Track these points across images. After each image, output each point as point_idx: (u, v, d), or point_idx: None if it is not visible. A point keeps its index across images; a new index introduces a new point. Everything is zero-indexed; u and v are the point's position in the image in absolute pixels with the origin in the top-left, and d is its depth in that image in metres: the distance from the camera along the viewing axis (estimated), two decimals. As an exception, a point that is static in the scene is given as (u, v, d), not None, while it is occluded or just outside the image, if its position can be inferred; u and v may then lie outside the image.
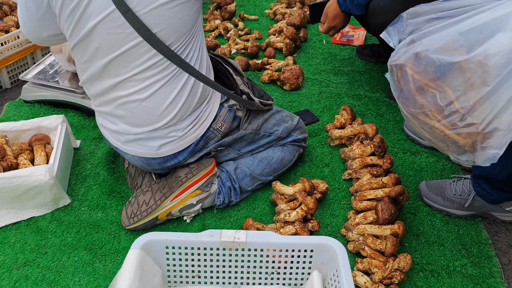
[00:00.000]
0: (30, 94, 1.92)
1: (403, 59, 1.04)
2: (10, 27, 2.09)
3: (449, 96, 0.97)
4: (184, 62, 1.18)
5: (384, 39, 1.20)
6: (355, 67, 2.33)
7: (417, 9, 1.14)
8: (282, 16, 2.70)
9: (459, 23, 0.98)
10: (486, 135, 0.96)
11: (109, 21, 1.12)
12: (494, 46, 0.90)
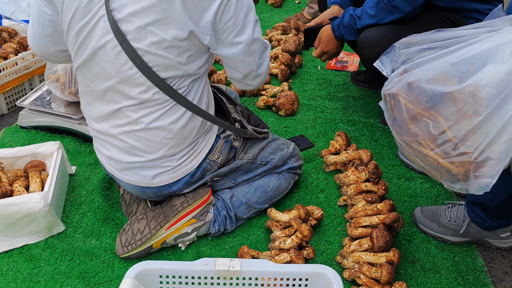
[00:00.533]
0: (26, 120, 1.93)
1: (396, 88, 1.06)
2: (8, 54, 2.11)
3: (442, 125, 0.99)
4: (178, 94, 1.20)
5: (377, 68, 1.22)
6: (350, 92, 2.37)
7: (409, 39, 1.17)
8: (278, 43, 2.75)
9: (450, 54, 1.01)
10: (478, 164, 0.97)
11: (108, 49, 1.14)
12: (485, 77, 0.92)
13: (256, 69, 1.29)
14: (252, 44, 1.21)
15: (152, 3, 1.07)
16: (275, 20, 3.19)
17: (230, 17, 1.13)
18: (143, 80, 1.16)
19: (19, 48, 2.18)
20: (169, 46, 1.12)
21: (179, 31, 1.10)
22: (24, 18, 2.51)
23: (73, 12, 1.13)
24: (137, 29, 1.09)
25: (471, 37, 1.03)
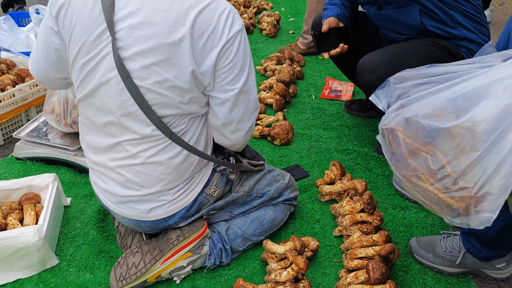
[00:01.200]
0: (22, 151, 1.93)
1: (394, 123, 1.08)
2: (6, 85, 2.13)
3: (441, 160, 1.01)
4: (174, 134, 1.21)
5: (373, 101, 1.25)
6: (344, 121, 2.39)
7: (404, 74, 1.20)
8: (272, 73, 2.79)
9: (445, 90, 1.04)
10: (479, 199, 0.98)
11: (111, 85, 1.16)
12: (481, 113, 0.94)
13: (238, 122, 1.28)
14: (241, 94, 1.22)
15: (158, 44, 1.09)
16: (269, 50, 3.25)
17: (227, 64, 1.16)
18: (143, 117, 1.18)
19: (17, 80, 2.20)
20: (171, 86, 1.14)
21: (183, 72, 1.13)
22: (22, 50, 2.54)
23: (80, 46, 1.16)
24: (142, 68, 1.12)
25: (464, 73, 1.06)
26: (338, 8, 2.05)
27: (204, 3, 1.11)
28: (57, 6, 1.17)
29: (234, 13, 1.15)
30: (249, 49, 1.22)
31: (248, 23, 3.52)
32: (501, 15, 4.40)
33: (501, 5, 4.72)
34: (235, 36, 1.14)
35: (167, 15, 1.08)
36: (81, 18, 1.14)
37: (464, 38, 1.83)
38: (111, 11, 1.10)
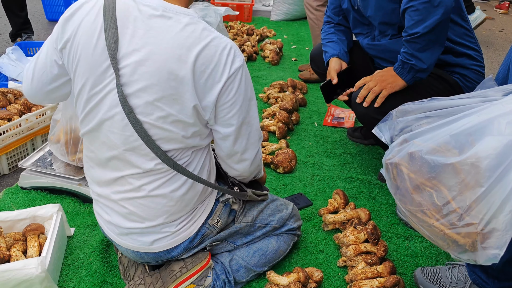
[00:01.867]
0: (27, 181, 1.95)
1: (398, 158, 1.09)
2: (13, 115, 2.17)
3: (446, 195, 1.01)
4: (178, 165, 1.22)
5: (376, 134, 1.26)
6: (347, 149, 2.40)
7: (406, 107, 1.22)
8: (275, 100, 2.82)
9: (448, 125, 1.05)
10: (485, 235, 0.98)
11: (115, 121, 1.18)
12: (484, 149, 0.95)
13: (242, 153, 1.29)
14: (243, 126, 1.24)
15: (162, 81, 1.12)
16: (272, 77, 3.29)
17: (229, 99, 1.17)
18: (147, 152, 1.19)
19: (24, 110, 2.24)
20: (175, 121, 1.16)
21: (185, 107, 1.14)
22: (29, 80, 2.58)
23: (85, 81, 1.18)
24: (145, 104, 1.14)
25: (466, 108, 1.08)
26: (337, 45, 2.10)
27: (206, 41, 1.13)
28: (63, 40, 1.20)
29: (235, 49, 1.18)
30: (250, 83, 1.24)
31: (251, 50, 3.58)
32: (501, 41, 4.45)
33: (500, 31, 4.78)
34: (237, 72, 1.16)
35: (170, 52, 1.11)
36: (85, 53, 1.16)
37: (457, 65, 1.85)
38: (115, 48, 1.12)
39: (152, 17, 1.12)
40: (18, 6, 3.50)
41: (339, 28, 2.19)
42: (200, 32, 1.13)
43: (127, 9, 1.14)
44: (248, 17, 4.59)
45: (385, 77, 1.79)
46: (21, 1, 3.51)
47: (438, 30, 1.60)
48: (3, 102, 2.26)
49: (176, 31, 1.11)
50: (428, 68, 1.70)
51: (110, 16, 1.14)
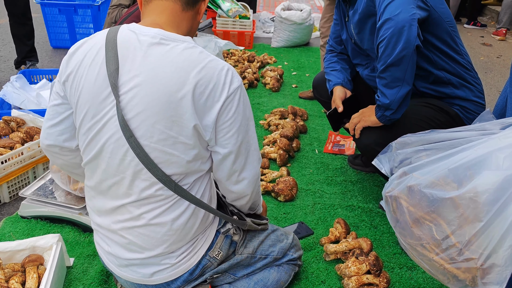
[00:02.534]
0: (28, 210, 1.94)
1: (397, 191, 1.09)
2: (15, 144, 2.18)
3: (445, 229, 1.01)
4: (180, 187, 1.23)
5: (376, 166, 1.27)
6: (347, 176, 2.40)
7: (405, 139, 1.23)
8: (276, 127, 2.84)
9: (447, 158, 1.06)
10: (485, 271, 0.98)
11: (116, 147, 1.20)
12: (482, 184, 0.96)
13: (240, 172, 1.29)
14: (242, 146, 1.25)
15: (161, 104, 1.13)
16: (273, 104, 3.32)
17: (229, 118, 1.20)
18: (148, 176, 1.20)
19: (26, 138, 2.25)
20: (175, 143, 1.17)
21: (185, 128, 1.16)
22: (32, 108, 2.62)
23: (86, 111, 1.20)
24: (145, 127, 1.16)
25: (465, 141, 1.09)
26: (340, 74, 2.13)
27: (204, 63, 1.16)
28: (66, 73, 1.24)
29: (232, 71, 1.21)
30: (248, 103, 1.26)
31: (252, 77, 3.62)
32: (499, 67, 4.51)
33: (498, 57, 4.84)
34: (235, 92, 1.19)
35: (168, 75, 1.14)
36: (87, 84, 1.19)
37: (456, 97, 1.87)
38: (115, 76, 1.16)
39: (150, 45, 1.16)
40: (27, 35, 3.57)
41: (341, 56, 2.22)
42: (198, 55, 1.17)
43: (128, 40, 1.18)
44: (249, 43, 4.66)
45: (365, 112, 1.86)
46: (30, 30, 3.58)
47: (403, 66, 1.59)
48: (6, 130, 2.28)
49: (174, 56, 1.15)
50: (390, 105, 1.67)
51: (111, 47, 1.18)
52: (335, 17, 2.18)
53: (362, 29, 1.89)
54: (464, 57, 1.86)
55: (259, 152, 1.33)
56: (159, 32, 1.18)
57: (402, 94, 1.64)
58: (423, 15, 1.63)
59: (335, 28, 2.21)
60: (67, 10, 4.21)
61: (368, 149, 1.84)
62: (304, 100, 3.42)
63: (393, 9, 1.55)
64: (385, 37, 1.56)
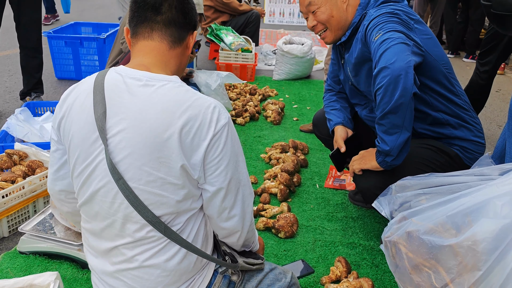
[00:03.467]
0: (27, 245, 1.93)
1: (396, 236, 1.09)
2: (17, 177, 2.19)
3: (444, 277, 1.00)
4: (169, 230, 1.22)
5: (376, 208, 1.27)
6: (348, 212, 2.40)
7: (405, 182, 1.24)
8: (277, 161, 2.85)
9: (446, 204, 1.06)
10: None
11: (106, 190, 1.20)
12: (481, 232, 0.96)
13: (230, 209, 1.27)
14: (232, 183, 1.24)
15: (147, 145, 1.14)
16: (274, 137, 3.34)
17: (216, 156, 1.19)
18: (138, 219, 1.20)
19: (28, 171, 2.26)
20: (164, 184, 1.17)
21: (173, 168, 1.16)
22: (35, 141, 2.64)
23: (77, 155, 1.22)
24: (133, 169, 1.16)
25: (464, 186, 1.09)
26: (340, 113, 2.15)
27: (189, 101, 1.17)
28: (58, 118, 1.27)
29: (219, 108, 1.21)
30: (237, 139, 1.26)
31: (254, 110, 3.66)
32: (498, 102, 4.55)
33: (497, 91, 4.89)
34: (222, 130, 1.19)
35: (153, 116, 1.15)
36: (77, 128, 1.21)
37: (456, 137, 1.88)
38: (102, 119, 1.17)
39: (136, 87, 1.18)
40: (36, 68, 3.61)
41: (340, 95, 2.25)
42: (183, 94, 1.17)
43: (115, 83, 1.20)
44: (251, 76, 4.73)
45: (366, 156, 1.85)
46: (40, 63, 3.63)
47: (401, 114, 1.60)
48: (8, 164, 2.30)
49: (160, 96, 1.16)
50: (391, 151, 1.66)
51: (99, 91, 1.20)
52: (333, 56, 2.22)
53: (359, 73, 1.92)
54: (461, 98, 1.88)
55: (250, 187, 1.32)
56: (145, 74, 1.20)
57: (401, 140, 1.63)
58: (418, 60, 1.66)
59: (333, 68, 2.24)
60: (73, 43, 4.30)
61: (368, 192, 1.84)
62: (305, 133, 3.45)
63: (388, 58, 1.57)
64: (382, 85, 1.58)
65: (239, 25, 5.37)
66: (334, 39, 1.99)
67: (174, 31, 1.26)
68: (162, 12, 1.25)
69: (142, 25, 1.26)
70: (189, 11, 1.29)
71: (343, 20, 1.93)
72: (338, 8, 1.92)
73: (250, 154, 3.05)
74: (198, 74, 3.39)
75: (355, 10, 1.92)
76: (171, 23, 1.25)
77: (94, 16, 8.12)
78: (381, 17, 1.75)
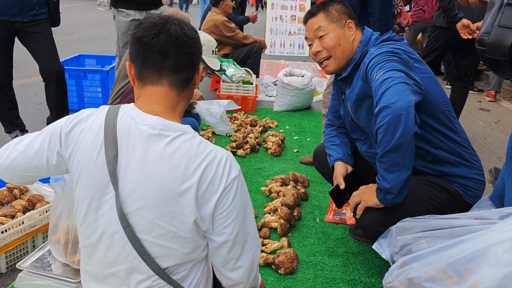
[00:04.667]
0: (24, 282, 1.91)
1: (398, 282, 1.09)
2: (16, 212, 2.18)
3: None
4: (172, 280, 1.21)
5: (376, 250, 1.27)
6: (349, 247, 2.37)
7: (405, 224, 1.24)
8: (277, 194, 2.84)
9: (447, 250, 1.06)
10: None
11: (114, 239, 1.19)
12: (483, 280, 0.95)
13: (236, 260, 1.26)
14: (239, 235, 1.23)
15: (160, 200, 1.14)
16: (274, 169, 3.35)
17: (225, 209, 1.19)
18: (145, 270, 1.19)
19: (28, 206, 2.26)
20: (174, 237, 1.17)
21: (185, 223, 1.16)
22: (36, 174, 2.64)
23: (85, 194, 1.20)
24: (145, 222, 1.16)
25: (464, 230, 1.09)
26: (340, 149, 2.16)
27: (202, 156, 1.17)
28: (68, 150, 1.24)
29: (231, 160, 1.21)
30: (246, 191, 1.26)
31: (254, 142, 3.68)
32: (498, 133, 4.57)
33: (496, 122, 4.92)
34: (233, 183, 1.19)
35: (167, 171, 1.14)
36: (86, 168, 1.20)
37: (455, 175, 1.88)
38: (114, 163, 1.16)
39: (150, 137, 1.16)
40: None
41: (341, 130, 2.27)
42: (196, 148, 1.17)
43: (128, 128, 1.18)
44: (252, 107, 4.78)
45: (366, 193, 1.85)
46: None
47: (401, 152, 1.61)
48: (9, 198, 2.30)
49: (173, 150, 1.15)
50: (392, 189, 1.67)
51: (110, 132, 1.18)
52: (333, 92, 2.25)
53: (359, 109, 1.95)
54: (460, 135, 1.90)
55: (258, 239, 1.31)
56: (159, 121, 1.18)
57: (402, 178, 1.64)
58: (418, 99, 1.68)
59: (333, 103, 2.27)
60: (77, 75, 4.37)
61: (369, 229, 1.84)
62: (306, 165, 3.45)
63: (389, 97, 1.59)
64: (383, 124, 1.60)
65: (241, 57, 5.46)
66: (335, 69, 2.01)
67: (182, 75, 1.23)
68: (170, 57, 1.20)
69: (149, 70, 1.21)
70: (195, 51, 1.25)
71: (347, 51, 1.97)
72: (346, 38, 1.96)
73: (250, 186, 3.05)
74: (199, 104, 3.43)
75: (356, 46, 1.97)
76: (180, 67, 1.21)
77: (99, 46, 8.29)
78: (381, 56, 1.78)
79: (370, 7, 2.78)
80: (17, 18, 3.23)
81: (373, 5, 2.76)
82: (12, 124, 3.54)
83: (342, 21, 1.97)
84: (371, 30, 2.05)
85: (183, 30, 1.22)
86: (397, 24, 3.08)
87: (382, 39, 1.93)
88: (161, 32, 1.20)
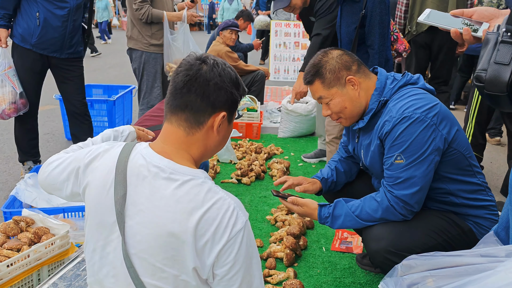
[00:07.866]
0: (29, 317, 1.90)
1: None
2: (22, 245, 2.19)
3: None
4: None
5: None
6: (356, 277, 2.34)
7: (410, 262, 1.23)
8: (283, 223, 2.83)
9: None
10: None
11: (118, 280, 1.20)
12: None
13: None
14: (242, 286, 1.18)
15: (163, 243, 1.14)
16: (280, 197, 3.34)
17: (228, 262, 1.15)
18: None
19: (34, 238, 2.27)
20: (176, 281, 1.17)
21: (186, 267, 1.15)
22: (43, 206, 2.66)
23: (93, 232, 1.23)
24: (147, 265, 1.16)
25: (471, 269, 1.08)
26: (329, 171, 2.26)
27: (209, 204, 1.14)
28: (83, 185, 1.28)
29: (238, 210, 1.17)
30: (252, 242, 1.21)
31: (259, 170, 3.69)
32: (504, 157, 4.55)
33: (502, 146, 4.91)
34: (237, 235, 1.14)
35: (172, 216, 1.14)
36: (96, 202, 1.22)
37: (470, 215, 1.87)
38: (122, 203, 1.17)
39: (159, 179, 1.16)
40: None
41: (346, 160, 2.29)
42: (204, 195, 1.15)
43: (138, 168, 1.19)
44: (257, 134, 4.80)
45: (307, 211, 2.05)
46: None
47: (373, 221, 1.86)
48: (15, 231, 2.30)
49: (180, 195, 1.15)
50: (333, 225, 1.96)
51: (121, 170, 1.20)
52: (345, 132, 2.27)
53: (374, 165, 1.95)
54: (478, 178, 1.87)
55: (263, 286, 1.26)
56: (169, 164, 1.18)
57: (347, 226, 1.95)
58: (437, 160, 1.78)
59: (344, 139, 2.29)
60: (84, 105, 4.43)
61: (378, 256, 1.82)
62: (311, 192, 3.44)
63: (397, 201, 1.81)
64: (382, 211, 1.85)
65: (245, 84, 5.52)
66: (350, 124, 2.01)
67: (189, 116, 1.20)
68: (181, 95, 1.20)
69: (167, 105, 1.23)
70: (212, 92, 1.19)
71: (357, 108, 1.91)
72: (351, 97, 1.88)
73: (255, 215, 3.04)
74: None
75: (369, 95, 1.88)
76: (187, 107, 1.20)
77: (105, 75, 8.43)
78: (403, 131, 1.71)
79: (369, 39, 2.83)
80: (55, 54, 3.33)
81: (371, 37, 2.81)
82: (27, 154, 3.59)
83: (341, 80, 1.86)
84: (385, 72, 1.93)
85: (212, 71, 1.19)
86: (395, 50, 3.12)
87: (399, 85, 1.85)
88: (186, 70, 1.20)
